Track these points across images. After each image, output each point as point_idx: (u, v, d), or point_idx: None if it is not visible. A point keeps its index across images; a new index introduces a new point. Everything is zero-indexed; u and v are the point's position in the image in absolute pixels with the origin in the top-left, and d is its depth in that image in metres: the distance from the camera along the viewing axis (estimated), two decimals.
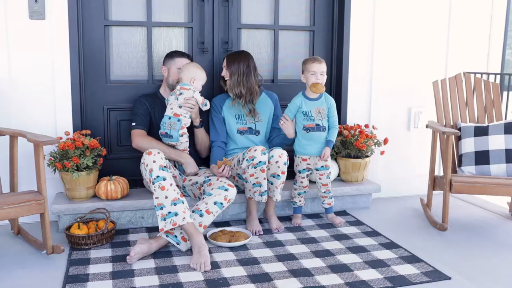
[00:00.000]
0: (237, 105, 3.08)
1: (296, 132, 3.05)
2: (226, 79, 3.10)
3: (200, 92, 2.96)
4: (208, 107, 2.96)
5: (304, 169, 3.09)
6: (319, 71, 2.93)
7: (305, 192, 3.17)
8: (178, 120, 2.87)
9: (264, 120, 3.18)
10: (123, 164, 3.32)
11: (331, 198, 3.17)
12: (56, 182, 3.12)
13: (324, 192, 3.14)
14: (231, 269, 2.45)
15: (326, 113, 3.00)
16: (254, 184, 2.87)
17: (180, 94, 2.91)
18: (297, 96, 3.03)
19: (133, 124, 3.03)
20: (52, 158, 2.93)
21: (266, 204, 3.09)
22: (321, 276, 2.38)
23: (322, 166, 3.06)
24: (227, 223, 3.11)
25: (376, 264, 2.53)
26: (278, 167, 2.90)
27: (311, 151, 3.03)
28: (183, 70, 3.01)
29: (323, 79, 2.94)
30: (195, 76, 2.96)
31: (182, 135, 2.91)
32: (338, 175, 3.54)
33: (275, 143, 3.16)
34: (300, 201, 3.18)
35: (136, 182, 3.24)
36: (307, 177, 3.13)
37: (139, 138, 2.97)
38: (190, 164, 3.01)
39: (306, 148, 3.03)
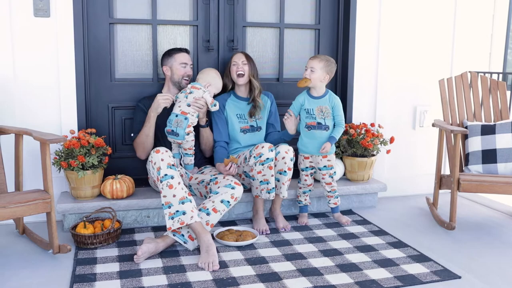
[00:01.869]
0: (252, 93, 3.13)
1: (298, 130, 3.05)
2: (242, 73, 3.08)
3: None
4: (217, 107, 2.95)
5: (306, 167, 3.08)
6: (309, 66, 2.97)
7: (310, 190, 3.16)
8: (185, 119, 2.85)
9: (263, 117, 3.21)
10: (127, 163, 3.30)
11: (337, 198, 3.15)
12: (60, 181, 3.09)
13: (329, 191, 3.12)
14: (239, 268, 2.43)
15: (330, 112, 2.98)
16: (261, 181, 2.85)
17: (190, 93, 2.90)
18: (302, 93, 3.04)
19: (132, 135, 3.08)
20: (57, 157, 2.90)
21: (272, 202, 3.07)
22: (330, 275, 2.36)
23: (324, 166, 3.05)
24: (233, 222, 3.09)
25: (385, 263, 2.52)
26: (285, 163, 2.88)
27: (313, 150, 3.02)
28: (203, 71, 3.06)
29: (311, 75, 2.95)
30: (212, 82, 3.00)
31: (188, 134, 2.89)
32: (344, 174, 3.53)
33: (272, 139, 3.16)
34: (305, 200, 3.17)
35: (140, 181, 3.22)
36: (310, 175, 3.11)
37: (138, 150, 3.06)
38: (157, 98, 2.91)
39: (308, 146, 3.02)
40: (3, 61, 2.92)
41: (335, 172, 3.10)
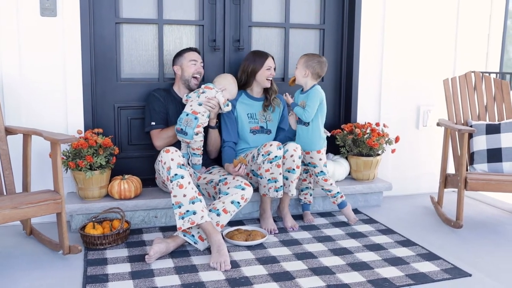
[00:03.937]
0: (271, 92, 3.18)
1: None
2: (271, 79, 3.14)
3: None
4: (230, 108, 2.95)
5: None
6: None
7: (307, 188, 3.17)
8: (195, 118, 2.84)
9: (274, 120, 3.21)
10: (133, 163, 3.29)
11: (334, 197, 3.10)
12: (67, 182, 3.06)
13: (322, 189, 3.11)
14: (251, 268, 2.43)
15: None
16: (269, 180, 2.85)
17: (203, 92, 2.90)
18: (299, 89, 3.11)
19: (153, 123, 3.03)
20: (65, 157, 2.88)
21: (280, 201, 3.07)
22: (342, 274, 2.37)
23: (309, 163, 3.05)
24: (240, 222, 3.09)
25: (395, 261, 2.53)
26: (293, 161, 2.89)
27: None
28: (220, 76, 3.09)
29: (295, 71, 3.03)
30: (228, 88, 3.00)
31: (197, 134, 2.88)
32: (349, 174, 3.54)
33: (279, 139, 3.16)
34: (304, 198, 3.18)
35: (147, 181, 3.21)
36: (304, 171, 3.12)
37: (160, 140, 3.02)
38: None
39: (296, 141, 3.05)
40: (9, 61, 2.90)
41: (321, 171, 3.03)
